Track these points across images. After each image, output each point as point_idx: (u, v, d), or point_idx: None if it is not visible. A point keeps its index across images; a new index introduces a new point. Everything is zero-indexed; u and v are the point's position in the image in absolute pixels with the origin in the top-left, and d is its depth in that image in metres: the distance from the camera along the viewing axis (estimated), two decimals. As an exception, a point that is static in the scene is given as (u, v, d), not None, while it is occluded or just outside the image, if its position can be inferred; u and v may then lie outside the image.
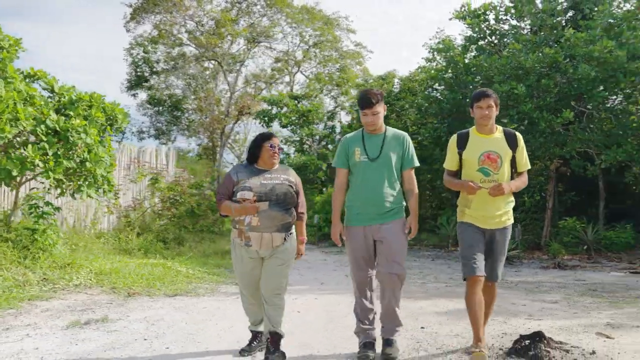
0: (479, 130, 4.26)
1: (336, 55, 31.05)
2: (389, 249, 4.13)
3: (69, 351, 4.40)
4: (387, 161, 4.22)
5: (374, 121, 4.20)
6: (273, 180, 4.12)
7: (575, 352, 4.11)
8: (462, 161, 4.27)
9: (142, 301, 6.64)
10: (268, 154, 4.18)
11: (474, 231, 4.19)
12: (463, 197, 4.32)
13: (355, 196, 4.27)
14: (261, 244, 4.04)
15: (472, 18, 14.94)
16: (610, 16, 12.56)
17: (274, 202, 4.03)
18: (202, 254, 11.05)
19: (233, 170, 4.30)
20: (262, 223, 3.99)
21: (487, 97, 4.17)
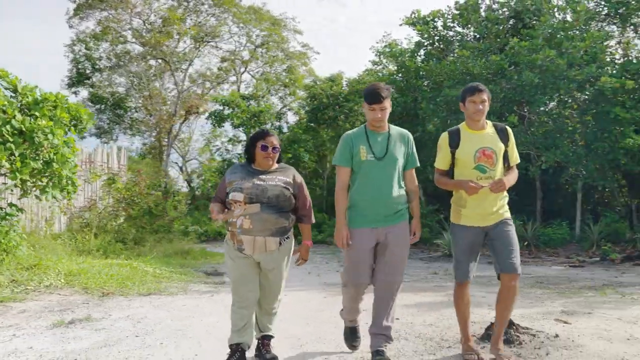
0: (471, 127, 4.14)
1: (282, 56, 31.30)
2: (393, 256, 4.05)
3: (65, 349, 4.52)
4: (393, 160, 4.06)
5: (383, 117, 4.02)
6: (267, 182, 3.88)
7: (541, 336, 4.59)
8: (454, 160, 4.13)
9: (119, 301, 6.74)
10: (260, 155, 3.95)
11: (470, 235, 4.08)
12: (457, 197, 4.18)
13: (362, 196, 4.06)
14: (254, 248, 3.83)
15: (422, 25, 15.55)
16: (550, 27, 13.37)
17: (266, 205, 3.80)
18: (163, 254, 11.11)
19: (230, 170, 4.09)
20: (254, 226, 3.78)
21: (481, 92, 4.05)
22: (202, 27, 28.23)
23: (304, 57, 31.98)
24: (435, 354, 4.34)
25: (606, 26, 18.21)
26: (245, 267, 3.94)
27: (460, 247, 4.14)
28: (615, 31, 18.61)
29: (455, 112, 13.54)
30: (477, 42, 15.51)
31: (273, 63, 31.36)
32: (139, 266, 8.92)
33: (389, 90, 4.09)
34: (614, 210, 17.25)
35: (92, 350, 4.48)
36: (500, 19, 15.50)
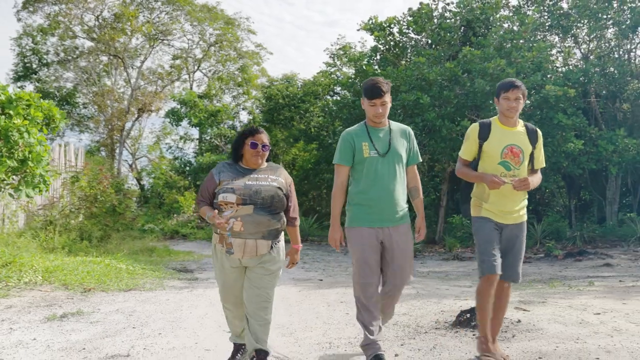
0: (503, 122, 4.06)
1: (234, 55, 31.43)
2: (401, 257, 3.99)
3: (69, 340, 4.78)
4: (396, 156, 3.99)
5: (383, 112, 3.96)
6: (259, 182, 3.67)
7: (506, 322, 5.14)
8: (481, 152, 4.05)
9: (102, 296, 6.96)
10: (250, 153, 3.74)
11: (492, 227, 4.00)
12: (480, 190, 4.09)
13: (366, 194, 3.95)
14: (244, 251, 3.62)
15: (379, 31, 16.14)
16: (500, 37, 14.19)
17: (259, 206, 3.60)
18: (129, 251, 11.24)
19: (216, 169, 3.83)
20: (246, 229, 3.57)
21: (516, 89, 3.95)
22: (155, 24, 28.07)
23: (256, 57, 32.21)
24: (415, 338, 4.82)
25: (549, 36, 19.38)
26: (234, 275, 3.76)
27: (485, 237, 3.98)
28: (556, 41, 19.81)
29: (411, 115, 14.20)
30: (431, 48, 16.24)
31: (225, 62, 31.46)
32: (112, 263, 9.07)
33: (389, 84, 4.01)
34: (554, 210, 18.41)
35: (95, 341, 4.76)
36: (453, 27, 16.27)
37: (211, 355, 4.34)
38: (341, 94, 21.50)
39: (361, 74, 16.31)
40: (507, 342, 4.54)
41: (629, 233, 14.76)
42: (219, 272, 3.81)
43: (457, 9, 16.76)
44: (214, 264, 3.87)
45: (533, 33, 15.63)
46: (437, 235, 16.38)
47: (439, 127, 13.80)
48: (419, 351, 4.37)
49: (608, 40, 18.70)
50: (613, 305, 6.06)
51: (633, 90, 17.52)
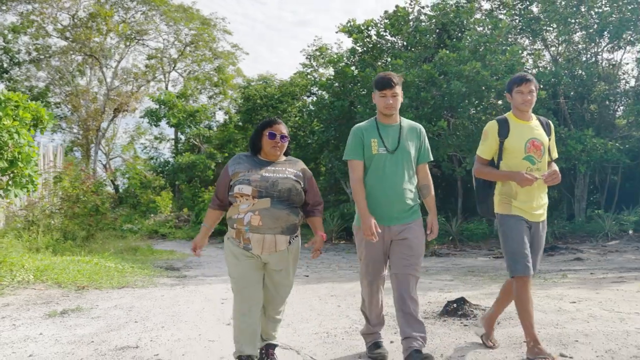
0: (519, 117, 4.04)
1: (210, 55, 31.50)
2: (410, 249, 3.85)
3: (76, 334, 4.95)
4: (406, 154, 3.90)
5: (394, 104, 3.86)
6: (277, 174, 3.55)
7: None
8: (502, 150, 4.01)
9: (96, 293, 7.11)
10: (268, 144, 3.61)
11: (523, 226, 3.96)
12: (507, 188, 4.01)
13: (374, 192, 3.88)
14: (263, 247, 3.47)
15: (357, 33, 16.47)
16: (475, 40, 14.65)
17: (277, 199, 3.47)
18: (115, 250, 11.34)
19: (232, 161, 3.70)
20: (264, 223, 3.43)
21: (529, 82, 3.96)
22: (130, 24, 27.98)
23: (232, 57, 32.33)
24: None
25: (520, 39, 19.98)
26: (250, 269, 3.56)
27: (517, 237, 3.93)
28: (527, 43, 20.44)
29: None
30: (407, 50, 16.64)
31: (201, 62, 31.51)
32: (100, 262, 9.20)
33: (401, 78, 3.96)
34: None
35: (101, 334, 4.95)
36: (428, 30, 16.71)
37: (216, 345, 4.56)
38: (318, 95, 21.81)
39: (340, 75, 16.62)
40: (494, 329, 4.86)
41: (597, 229, 15.40)
42: (235, 267, 3.57)
43: (433, 13, 17.21)
44: (227, 261, 3.65)
45: (505, 37, 16.14)
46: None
47: (416, 127, 14.18)
48: (412, 338, 4.66)
49: (576, 44, 19.38)
50: (587, 295, 6.47)
51: (600, 92, 18.21)
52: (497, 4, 20.39)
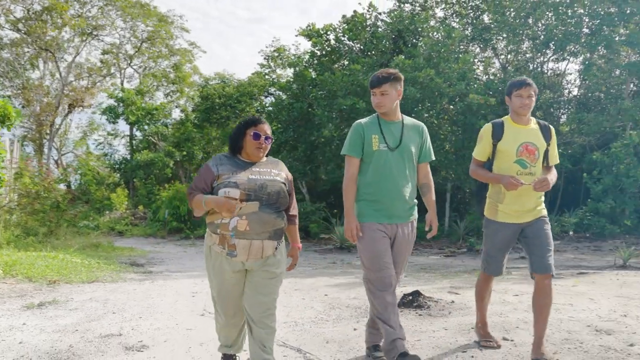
0: (516, 121, 4.06)
1: (166, 52, 31.43)
2: (402, 254, 3.89)
3: (59, 324, 5.25)
4: (407, 151, 3.84)
5: (382, 102, 3.79)
6: (263, 176, 3.34)
7: (442, 302, 6.05)
8: (495, 152, 4.05)
9: (69, 287, 7.36)
10: (252, 145, 3.39)
11: (506, 232, 4.03)
12: (495, 191, 4.07)
13: (375, 189, 3.80)
14: (249, 253, 3.25)
15: (317, 37, 16.96)
16: (430, 48, 15.35)
17: (265, 203, 3.26)
18: (79, 247, 11.48)
19: (213, 161, 3.44)
20: (252, 228, 3.22)
21: (529, 86, 3.96)
22: (86, 18, 27.68)
23: (189, 55, 32.33)
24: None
25: (471, 46, 20.88)
26: (233, 280, 3.37)
27: (495, 244, 4.08)
28: (478, 51, 21.37)
29: (347, 119, 15.10)
30: (365, 55, 17.24)
31: (157, 59, 31.41)
32: (66, 258, 9.38)
33: (395, 75, 3.83)
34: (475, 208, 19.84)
35: (83, 324, 5.25)
36: (385, 36, 17.34)
37: (194, 333, 4.94)
38: (276, 95, 22.20)
39: (299, 78, 17.06)
40: (445, 318, 5.42)
41: (540, 229, 16.30)
42: (216, 277, 3.39)
43: (389, 19, 17.86)
44: (208, 268, 3.44)
45: (458, 45, 16.92)
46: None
47: (373, 130, 14.77)
48: (373, 326, 5.16)
49: (524, 53, 20.39)
50: (528, 289, 7.11)
51: (545, 99, 19.22)
52: (451, 12, 21.27)
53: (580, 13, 17.79)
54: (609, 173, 15.75)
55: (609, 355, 4.02)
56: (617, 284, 7.46)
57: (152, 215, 20.30)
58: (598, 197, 15.86)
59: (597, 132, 17.71)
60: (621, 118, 16.88)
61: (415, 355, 3.61)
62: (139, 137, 28.88)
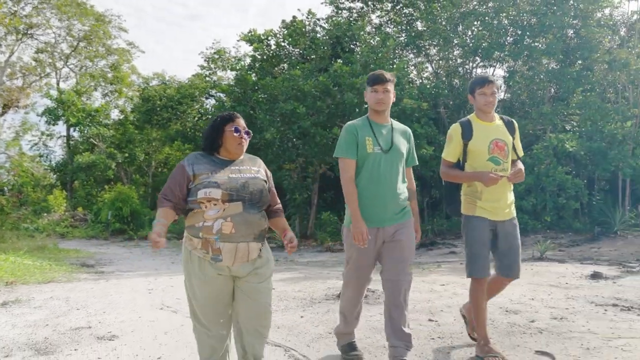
0: (482, 118, 4.09)
1: (103, 51, 31.14)
2: (402, 253, 3.80)
3: (28, 320, 5.66)
4: (398, 154, 3.85)
5: (385, 99, 3.79)
6: (244, 174, 3.20)
7: (378, 292, 6.78)
8: (467, 152, 4.06)
9: (27, 288, 7.69)
10: (233, 141, 3.21)
11: (485, 227, 4.01)
12: (471, 189, 4.08)
13: (367, 192, 3.77)
14: (235, 257, 3.07)
15: (258, 42, 17.53)
16: (366, 56, 16.21)
17: (248, 203, 3.11)
18: (28, 249, 11.63)
19: (187, 161, 3.23)
20: (238, 230, 3.06)
21: (491, 83, 4.02)
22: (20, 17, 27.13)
23: (127, 54, 32.12)
24: (312, 306, 6.30)
25: (405, 52, 21.95)
26: (219, 286, 3.13)
27: (479, 239, 4.01)
28: (411, 56, 22.46)
29: (288, 123, 15.77)
30: (304, 60, 17.95)
31: (94, 58, 31.08)
32: (17, 260, 9.62)
33: (394, 78, 3.91)
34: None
35: (52, 319, 5.69)
36: (323, 42, 18.11)
37: (157, 324, 5.47)
38: (217, 97, 22.60)
39: (241, 82, 17.58)
40: (380, 305, 6.12)
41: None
42: (199, 284, 3.11)
43: (327, 25, 18.65)
44: (188, 276, 3.17)
45: (393, 52, 17.87)
46: (309, 231, 18.15)
47: (313, 134, 15.51)
48: (317, 314, 5.85)
49: (455, 59, 21.60)
50: (454, 280, 8.00)
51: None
52: (386, 19, 22.27)
53: (505, 24, 19.09)
54: (531, 173, 17.03)
55: (513, 329, 4.86)
56: (530, 273, 8.44)
57: (93, 217, 20.32)
58: (521, 196, 17.12)
59: (521, 134, 19.01)
60: (542, 122, 18.24)
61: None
62: (75, 137, 28.59)
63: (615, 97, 18.26)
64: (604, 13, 18.68)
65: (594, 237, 14.67)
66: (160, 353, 4.42)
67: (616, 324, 4.96)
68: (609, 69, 17.65)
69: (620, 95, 18.04)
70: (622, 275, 8.12)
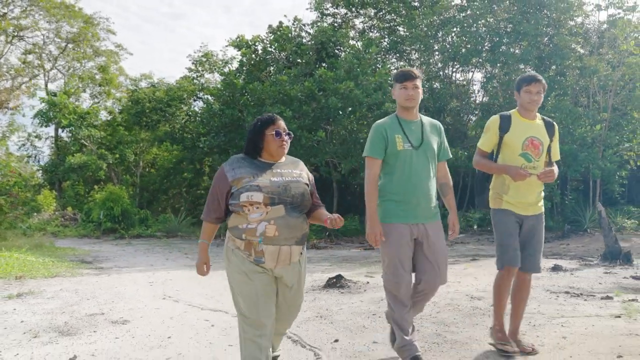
0: (523, 115, 4.14)
1: (90, 52, 31.55)
2: (436, 254, 3.82)
3: (45, 308, 6.30)
4: (429, 150, 3.88)
5: (414, 95, 3.82)
6: (285, 177, 3.22)
7: (359, 283, 7.54)
8: (501, 144, 4.12)
9: (36, 282, 8.30)
10: (275, 144, 3.24)
11: (513, 220, 4.07)
12: (499, 182, 4.15)
13: (400, 189, 3.80)
14: (278, 260, 3.13)
15: (246, 48, 18.21)
16: (350, 62, 16.95)
17: (290, 206, 3.14)
18: (28, 247, 12.20)
19: (228, 165, 3.27)
20: (281, 233, 3.10)
21: (538, 82, 4.05)
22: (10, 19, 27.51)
23: (115, 56, 32.56)
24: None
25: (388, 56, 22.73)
26: (264, 285, 3.15)
27: (506, 230, 4.06)
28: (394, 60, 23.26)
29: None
30: (290, 65, 18.66)
31: (82, 59, 31.49)
32: (20, 257, 10.20)
33: (422, 74, 3.95)
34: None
35: (67, 307, 6.34)
36: (309, 47, 18.84)
37: (162, 311, 6.14)
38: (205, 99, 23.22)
39: (229, 86, 18.22)
40: (361, 294, 6.90)
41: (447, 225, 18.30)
42: (245, 285, 3.13)
43: (312, 31, 19.38)
44: (231, 278, 3.21)
45: (375, 58, 18.65)
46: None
47: (299, 136, 16.22)
48: (305, 302, 6.55)
49: (435, 64, 22.44)
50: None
51: (453, 107, 21.34)
52: (369, 25, 23.07)
53: (482, 31, 19.95)
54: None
55: (474, 312, 5.62)
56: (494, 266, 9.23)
57: (84, 216, 20.83)
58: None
59: (497, 136, 19.95)
60: (517, 124, 19.13)
61: None
62: (64, 138, 29.04)
63: (587, 101, 19.20)
64: (576, 22, 19.63)
65: (564, 234, 15.56)
66: (169, 333, 5.10)
67: (563, 307, 5.75)
68: (580, 75, 18.59)
69: (591, 100, 18.97)
70: (580, 268, 8.95)
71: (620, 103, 18.87)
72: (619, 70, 17.78)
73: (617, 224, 16.45)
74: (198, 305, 6.47)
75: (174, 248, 15.12)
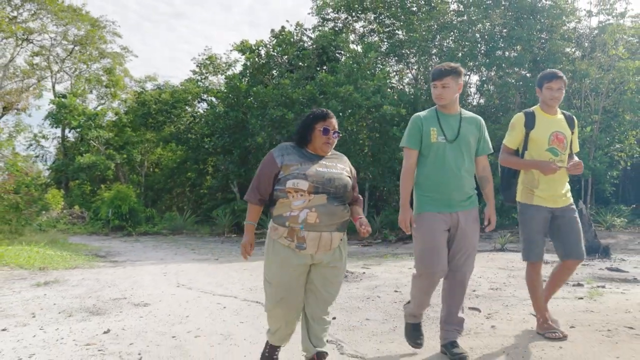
0: (545, 111, 4.27)
1: (96, 54, 32.29)
2: (467, 243, 3.89)
3: (72, 293, 7.00)
4: (465, 143, 3.91)
5: (442, 94, 3.87)
6: (330, 169, 3.37)
7: (356, 273, 8.22)
8: (527, 140, 4.24)
9: (58, 272, 9.00)
10: (321, 139, 3.40)
11: (542, 217, 4.20)
12: (529, 177, 4.26)
13: (433, 180, 3.89)
14: (319, 245, 3.27)
15: (250, 52, 18.92)
16: (349, 67, 17.64)
17: (332, 195, 3.29)
18: (46, 242, 12.90)
19: (277, 151, 3.45)
20: (322, 220, 3.24)
21: (559, 79, 4.17)
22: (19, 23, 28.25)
23: (120, 58, 33.30)
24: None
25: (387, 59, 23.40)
26: (298, 275, 3.33)
27: (534, 227, 4.21)
28: (392, 63, 23.93)
29: (278, 127, 17.16)
30: (292, 69, 19.36)
31: (88, 62, 32.23)
32: (40, 251, 10.90)
33: (457, 70, 3.90)
34: (390, 205, 22.41)
35: (92, 293, 7.03)
36: (310, 52, 19.54)
37: (179, 297, 6.83)
38: (209, 101, 23.93)
39: (234, 90, 18.92)
40: (358, 282, 7.58)
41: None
42: (279, 271, 3.33)
43: (313, 36, 20.09)
44: (268, 262, 3.40)
45: (374, 63, 19.35)
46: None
47: (300, 137, 16.92)
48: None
49: (433, 66, 23.05)
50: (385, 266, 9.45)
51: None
52: (369, 30, 23.74)
53: (478, 36, 20.61)
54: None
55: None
56: (486, 259, 9.93)
57: (92, 214, 21.55)
58: (491, 195, 18.67)
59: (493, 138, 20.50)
60: (511, 127, 19.79)
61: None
62: (70, 139, 29.80)
63: (580, 103, 19.86)
64: (569, 27, 20.29)
65: (554, 231, 16.17)
66: (187, 313, 5.79)
67: (537, 292, 6.42)
68: (572, 78, 19.26)
69: (583, 102, 19.65)
70: (562, 261, 9.62)
71: (612, 105, 19.55)
72: (610, 74, 18.45)
73: (607, 222, 17.13)
74: (210, 291, 7.15)
75: (181, 244, 15.83)
